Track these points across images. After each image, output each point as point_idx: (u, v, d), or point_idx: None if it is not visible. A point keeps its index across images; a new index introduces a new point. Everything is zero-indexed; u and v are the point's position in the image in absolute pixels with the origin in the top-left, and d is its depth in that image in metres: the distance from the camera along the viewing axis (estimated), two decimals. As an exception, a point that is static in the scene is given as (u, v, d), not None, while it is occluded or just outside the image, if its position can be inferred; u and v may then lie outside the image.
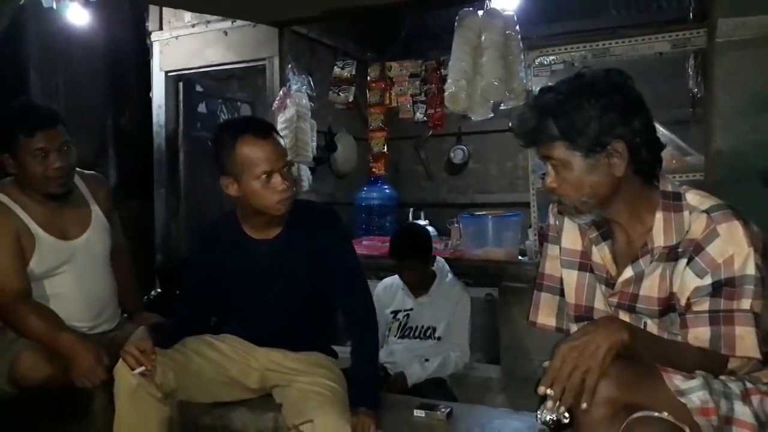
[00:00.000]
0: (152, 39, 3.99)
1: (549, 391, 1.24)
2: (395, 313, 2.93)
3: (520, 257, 3.33)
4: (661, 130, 2.80)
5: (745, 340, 1.28)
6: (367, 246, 3.75)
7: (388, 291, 2.99)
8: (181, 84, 4.00)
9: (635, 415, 1.19)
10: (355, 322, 1.98)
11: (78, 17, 3.53)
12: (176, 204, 4.01)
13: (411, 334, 2.87)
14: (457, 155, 4.53)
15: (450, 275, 2.96)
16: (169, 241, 4.00)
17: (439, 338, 2.82)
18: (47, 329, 2.05)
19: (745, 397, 1.26)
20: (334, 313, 2.13)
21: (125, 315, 2.45)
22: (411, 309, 2.89)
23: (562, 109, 1.33)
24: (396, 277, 2.96)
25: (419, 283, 2.88)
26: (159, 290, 3.68)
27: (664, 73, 3.26)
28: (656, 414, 1.20)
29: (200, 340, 1.97)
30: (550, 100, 1.35)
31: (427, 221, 4.06)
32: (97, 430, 1.94)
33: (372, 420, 1.80)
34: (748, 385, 1.28)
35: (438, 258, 3.00)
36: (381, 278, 3.09)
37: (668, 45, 2.93)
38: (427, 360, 2.72)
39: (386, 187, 4.47)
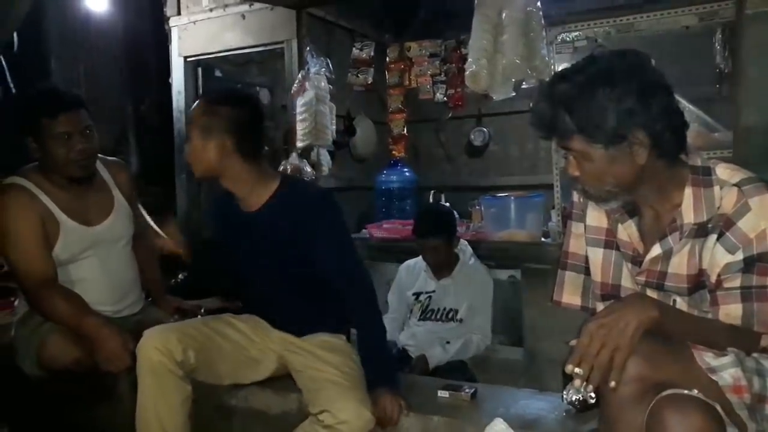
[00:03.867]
0: (170, 24, 3.98)
1: (577, 370, 1.22)
2: (417, 294, 2.92)
3: (543, 239, 3.29)
4: (688, 107, 2.77)
5: (779, 317, 1.25)
6: (388, 229, 3.73)
7: (411, 272, 2.98)
8: (200, 69, 3.99)
9: (664, 393, 1.17)
10: (350, 299, 1.89)
11: (97, 4, 3.55)
12: (197, 189, 4.02)
13: (433, 316, 2.86)
14: (478, 137, 4.46)
15: (473, 258, 2.93)
16: (190, 225, 4.02)
17: (461, 320, 2.81)
18: (73, 313, 2.07)
19: (779, 375, 1.23)
20: (335, 294, 1.94)
21: (149, 299, 2.47)
22: (433, 291, 2.88)
23: (577, 102, 1.28)
24: (419, 258, 2.95)
25: (442, 264, 2.86)
26: (185, 274, 3.70)
27: (691, 48, 3.18)
28: (686, 392, 1.17)
29: (221, 320, 1.99)
30: (564, 92, 1.30)
31: (448, 204, 4.03)
32: (122, 412, 1.95)
33: (396, 401, 1.75)
34: (783, 362, 1.26)
35: (461, 240, 2.98)
36: (402, 261, 3.08)
37: (695, 18, 2.84)
38: (448, 342, 2.71)
39: (406, 170, 4.43)
